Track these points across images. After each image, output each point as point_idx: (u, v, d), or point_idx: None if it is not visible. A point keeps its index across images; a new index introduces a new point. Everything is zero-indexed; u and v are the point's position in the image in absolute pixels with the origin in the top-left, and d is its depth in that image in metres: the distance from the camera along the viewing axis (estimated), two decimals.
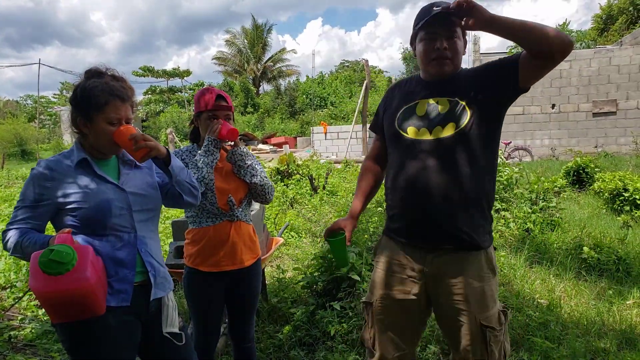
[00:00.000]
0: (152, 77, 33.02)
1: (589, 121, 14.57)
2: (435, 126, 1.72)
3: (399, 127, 1.81)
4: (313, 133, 20.31)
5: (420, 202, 1.73)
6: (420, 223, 1.75)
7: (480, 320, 1.70)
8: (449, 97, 1.74)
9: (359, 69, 38.80)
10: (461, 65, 1.83)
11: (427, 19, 1.69)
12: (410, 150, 1.76)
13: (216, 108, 2.13)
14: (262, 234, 3.40)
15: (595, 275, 4.04)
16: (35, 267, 1.37)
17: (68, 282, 1.36)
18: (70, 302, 1.42)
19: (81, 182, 1.60)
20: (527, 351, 2.80)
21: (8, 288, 4.29)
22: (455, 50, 1.73)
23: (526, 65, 1.62)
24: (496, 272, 1.79)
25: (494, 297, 1.75)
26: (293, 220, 6.42)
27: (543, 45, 1.52)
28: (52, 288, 1.37)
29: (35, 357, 2.99)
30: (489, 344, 1.69)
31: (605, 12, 27.29)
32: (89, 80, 1.64)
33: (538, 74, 1.63)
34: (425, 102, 1.78)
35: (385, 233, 1.94)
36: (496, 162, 1.80)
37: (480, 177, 1.71)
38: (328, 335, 2.95)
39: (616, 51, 14.30)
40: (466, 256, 1.73)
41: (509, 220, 5.43)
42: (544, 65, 1.58)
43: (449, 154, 1.69)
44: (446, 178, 1.68)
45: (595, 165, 8.41)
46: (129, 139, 1.57)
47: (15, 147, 24.90)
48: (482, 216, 1.74)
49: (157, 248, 1.78)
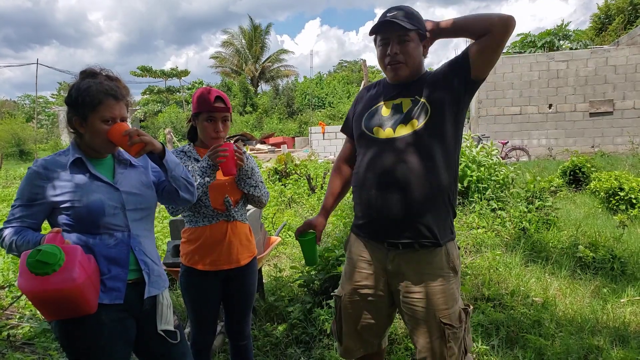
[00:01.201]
0: (150, 77, 32.92)
1: (585, 121, 14.62)
2: (398, 124, 1.79)
3: (365, 127, 1.88)
4: (311, 133, 20.33)
5: (379, 199, 1.78)
6: (380, 220, 1.81)
7: (439, 317, 1.75)
8: (411, 97, 1.80)
9: (357, 69, 38.88)
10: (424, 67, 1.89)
11: (374, 26, 1.78)
12: (374, 149, 1.82)
13: (214, 110, 2.13)
14: (259, 233, 3.42)
15: (590, 274, 4.06)
16: (23, 266, 1.38)
17: (55, 282, 1.38)
18: (58, 301, 1.44)
19: (75, 181, 1.61)
20: (521, 348, 2.82)
21: (6, 287, 4.31)
22: (408, 54, 1.76)
23: (475, 53, 1.70)
24: (457, 271, 1.83)
25: (455, 296, 1.80)
26: (290, 220, 6.44)
27: (487, 28, 1.63)
28: (39, 288, 1.38)
29: (33, 355, 3.00)
30: (448, 340, 1.75)
31: (603, 12, 27.36)
32: (83, 80, 1.66)
33: (487, 58, 1.70)
34: (390, 103, 1.85)
35: (352, 230, 2.01)
36: (457, 157, 1.85)
37: (440, 172, 1.76)
38: (324, 333, 2.97)
39: (613, 51, 14.35)
40: (425, 254, 1.78)
41: (505, 219, 5.46)
42: (491, 45, 1.65)
43: (408, 151, 1.75)
44: (405, 174, 1.74)
45: (591, 164, 8.43)
46: (123, 134, 1.59)
47: (13, 147, 24.85)
48: (442, 211, 1.79)
49: (151, 246, 1.80)
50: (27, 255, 1.38)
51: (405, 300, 1.81)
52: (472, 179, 6.24)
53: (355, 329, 1.95)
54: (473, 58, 1.70)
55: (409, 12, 1.77)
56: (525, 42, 22.33)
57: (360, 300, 1.91)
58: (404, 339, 2.91)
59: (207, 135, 2.18)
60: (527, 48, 21.88)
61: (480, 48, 1.68)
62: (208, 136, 2.18)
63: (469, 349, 1.84)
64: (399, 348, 2.83)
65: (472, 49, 1.70)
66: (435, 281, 1.77)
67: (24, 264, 1.38)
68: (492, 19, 1.62)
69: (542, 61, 14.75)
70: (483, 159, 6.54)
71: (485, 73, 1.74)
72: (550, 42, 21.47)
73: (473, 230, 5.27)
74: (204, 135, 2.20)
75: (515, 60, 15.00)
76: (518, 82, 14.85)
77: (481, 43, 1.67)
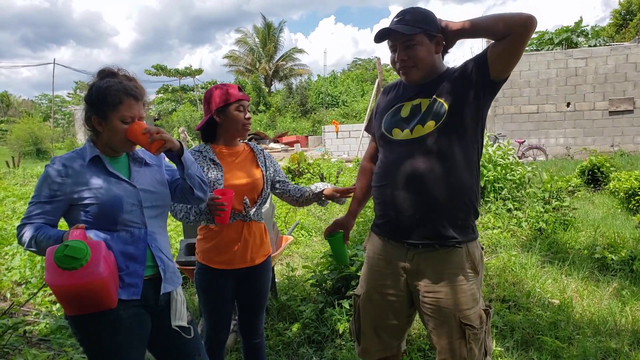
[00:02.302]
0: (165, 76, 33.34)
1: (605, 119, 14.35)
2: (415, 125, 1.78)
3: (385, 129, 1.88)
4: (324, 132, 20.31)
5: (397, 199, 1.78)
6: (397, 220, 1.80)
7: (459, 318, 1.73)
8: (430, 98, 1.78)
9: (371, 67, 38.73)
10: (444, 65, 1.87)
11: (375, 36, 1.79)
12: (392, 150, 1.83)
13: (244, 98, 2.15)
14: (272, 232, 3.42)
15: (608, 276, 3.98)
16: (50, 262, 1.41)
17: (82, 276, 1.41)
18: (84, 295, 1.47)
19: (94, 179, 1.64)
20: (536, 350, 2.78)
21: (23, 284, 4.37)
22: (416, 58, 1.75)
23: (494, 54, 1.67)
24: (479, 272, 1.80)
25: (475, 297, 1.77)
26: (303, 219, 6.44)
27: (507, 29, 1.59)
28: (66, 282, 1.41)
29: (49, 351, 3.04)
30: (468, 341, 1.72)
31: (624, 8, 26.78)
32: (103, 79, 1.68)
33: (507, 60, 1.67)
34: (410, 103, 1.84)
35: (371, 229, 2.01)
36: (477, 157, 1.82)
37: (459, 172, 1.74)
38: (337, 333, 2.96)
39: (633, 48, 14.06)
40: (446, 253, 1.76)
41: (522, 219, 5.39)
42: (511, 47, 1.62)
43: (427, 151, 1.74)
44: (422, 175, 1.73)
45: (610, 164, 8.27)
46: (142, 132, 1.61)
47: (31, 145, 25.29)
48: (462, 211, 1.76)
49: (166, 243, 1.82)
50: (54, 251, 1.41)
51: (424, 300, 1.79)
52: (488, 179, 6.17)
53: (373, 329, 1.93)
54: (492, 59, 1.68)
55: (416, 14, 1.75)
56: (543, 40, 22.01)
57: (379, 299, 1.90)
58: (416, 340, 2.88)
59: (239, 123, 2.17)
60: (544, 45, 21.58)
61: (500, 49, 1.64)
62: (240, 125, 2.17)
63: (489, 351, 1.81)
64: (412, 349, 2.80)
65: (491, 50, 1.67)
66: (455, 281, 1.74)
67: (52, 259, 1.40)
68: (513, 20, 1.58)
69: (560, 59, 14.51)
70: (499, 159, 6.46)
71: (505, 74, 1.72)
72: (567, 39, 21.14)
73: (489, 231, 5.20)
74: (236, 126, 2.17)
75: (533, 57, 14.78)
76: (535, 80, 14.63)
77: (501, 44, 1.63)
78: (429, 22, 1.75)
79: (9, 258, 4.98)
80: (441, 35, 1.76)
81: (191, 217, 2.11)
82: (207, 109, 2.20)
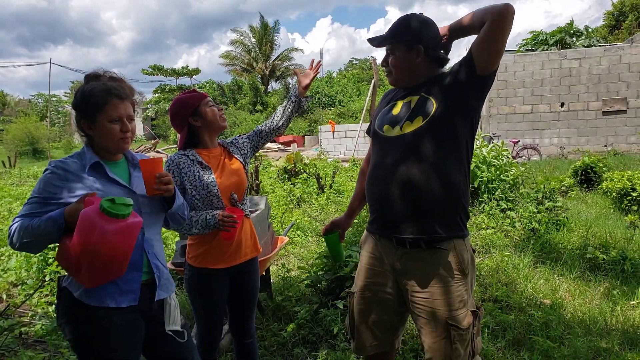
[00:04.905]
0: (162, 76, 33.21)
1: (598, 120, 14.44)
2: (405, 122, 1.82)
3: (377, 126, 1.95)
4: (321, 132, 20.32)
5: (385, 194, 1.82)
6: (385, 215, 1.85)
7: (445, 318, 1.75)
8: (419, 95, 1.85)
9: (367, 67, 38.72)
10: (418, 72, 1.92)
11: (368, 40, 1.91)
12: (383, 147, 1.89)
13: (204, 94, 2.22)
14: (267, 233, 3.44)
15: (600, 275, 4.03)
16: (89, 219, 1.43)
17: (128, 221, 1.49)
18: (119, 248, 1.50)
19: (93, 184, 1.64)
20: (528, 350, 2.81)
21: (19, 285, 4.38)
22: (394, 65, 1.89)
23: (475, 45, 1.71)
24: (467, 274, 1.81)
25: (463, 298, 1.79)
26: (299, 219, 6.46)
27: (484, 18, 1.65)
28: (114, 228, 1.45)
29: (45, 353, 3.05)
30: (454, 341, 1.75)
31: (617, 9, 26.92)
32: (87, 83, 1.70)
33: (488, 50, 1.69)
34: (401, 102, 1.91)
35: (366, 228, 2.05)
36: (466, 155, 1.84)
37: (448, 169, 1.77)
38: (331, 333, 2.99)
39: (627, 49, 14.15)
40: (433, 254, 1.79)
41: (515, 220, 5.43)
42: (489, 34, 1.65)
43: (414, 147, 1.78)
44: (409, 171, 1.76)
45: (603, 164, 8.33)
46: (156, 175, 1.68)
47: (27, 145, 25.18)
48: (449, 209, 1.79)
49: (161, 250, 1.84)
50: (98, 204, 1.45)
51: (412, 299, 1.82)
52: (482, 180, 6.22)
53: (366, 324, 1.97)
54: (476, 53, 1.70)
55: (399, 24, 1.85)
56: (537, 40, 22.09)
57: (372, 296, 1.94)
58: (409, 340, 2.91)
59: (217, 116, 2.21)
60: (539, 46, 21.65)
61: (479, 40, 1.68)
62: (218, 117, 2.22)
63: (476, 351, 1.83)
64: (404, 349, 2.83)
65: (473, 43, 1.71)
66: (442, 282, 1.77)
67: (96, 212, 1.44)
68: (487, 10, 1.65)
69: (554, 59, 14.59)
70: (493, 160, 6.51)
71: (490, 67, 1.71)
72: (561, 40, 21.22)
73: (482, 231, 5.24)
74: (215, 120, 2.21)
75: (527, 58, 14.86)
76: (529, 81, 14.71)
77: (480, 35, 1.67)
78: (411, 33, 1.82)
79: (5, 259, 4.97)
80: (420, 47, 1.80)
81: (194, 230, 2.14)
82: (179, 122, 2.21)
